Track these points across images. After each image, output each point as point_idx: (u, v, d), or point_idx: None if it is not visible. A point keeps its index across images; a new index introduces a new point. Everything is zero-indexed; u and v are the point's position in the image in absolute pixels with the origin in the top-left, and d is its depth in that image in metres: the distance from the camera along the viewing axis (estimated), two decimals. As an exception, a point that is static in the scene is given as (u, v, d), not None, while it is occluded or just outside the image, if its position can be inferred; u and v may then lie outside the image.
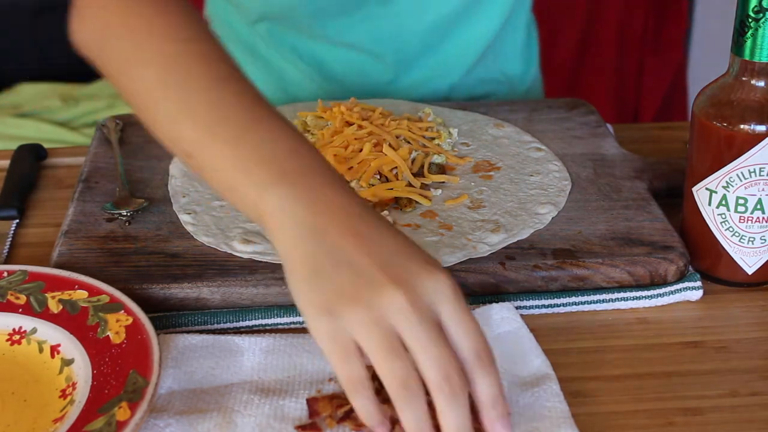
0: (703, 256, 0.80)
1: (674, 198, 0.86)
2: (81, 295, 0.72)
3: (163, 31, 0.72)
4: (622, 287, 0.77)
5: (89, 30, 0.75)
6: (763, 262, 0.78)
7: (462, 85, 1.16)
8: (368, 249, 0.60)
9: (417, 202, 0.84)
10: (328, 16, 1.08)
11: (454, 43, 1.13)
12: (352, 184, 0.85)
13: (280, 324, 0.74)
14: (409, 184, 0.86)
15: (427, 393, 0.58)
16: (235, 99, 0.68)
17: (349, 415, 0.63)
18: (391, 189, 0.84)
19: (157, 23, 0.73)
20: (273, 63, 1.16)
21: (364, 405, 0.58)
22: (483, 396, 0.59)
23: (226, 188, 0.66)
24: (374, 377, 0.59)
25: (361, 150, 0.87)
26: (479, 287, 0.76)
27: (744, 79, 0.74)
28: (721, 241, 0.78)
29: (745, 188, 0.75)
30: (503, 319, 0.71)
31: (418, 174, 0.88)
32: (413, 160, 0.89)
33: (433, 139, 0.93)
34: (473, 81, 1.16)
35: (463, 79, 1.15)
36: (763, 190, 0.75)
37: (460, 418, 0.57)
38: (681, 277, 0.78)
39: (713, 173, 0.76)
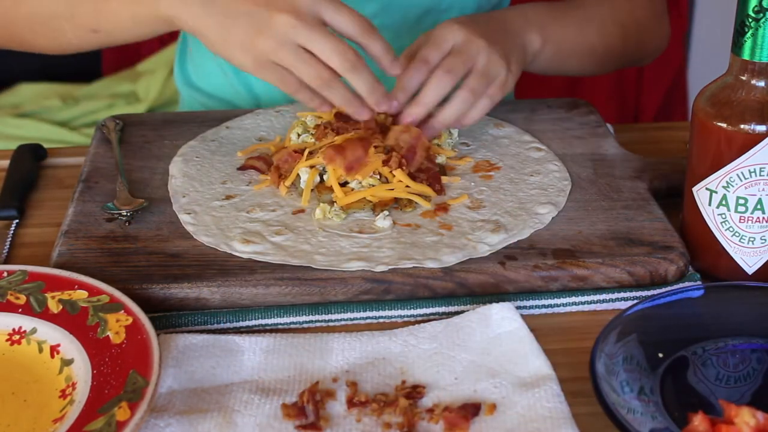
0: (703, 256, 0.80)
1: (674, 198, 0.86)
2: (81, 295, 0.72)
3: None
4: (622, 287, 0.77)
5: None
6: (763, 262, 0.78)
7: None
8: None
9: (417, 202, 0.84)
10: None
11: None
12: (352, 184, 0.85)
13: (280, 324, 0.74)
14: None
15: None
16: None
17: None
18: (392, 189, 0.84)
19: None
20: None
21: (338, 91, 0.82)
22: (377, 50, 0.82)
23: (132, 24, 0.88)
24: None
25: (361, 150, 0.87)
26: (479, 287, 0.76)
27: (744, 79, 0.74)
28: (721, 241, 0.77)
29: (746, 188, 0.75)
30: (503, 319, 0.71)
31: (418, 174, 0.87)
32: (413, 160, 0.89)
33: (433, 139, 0.93)
34: None
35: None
36: (763, 190, 0.75)
37: (367, 78, 0.81)
38: (681, 277, 0.78)
39: (713, 173, 0.76)
